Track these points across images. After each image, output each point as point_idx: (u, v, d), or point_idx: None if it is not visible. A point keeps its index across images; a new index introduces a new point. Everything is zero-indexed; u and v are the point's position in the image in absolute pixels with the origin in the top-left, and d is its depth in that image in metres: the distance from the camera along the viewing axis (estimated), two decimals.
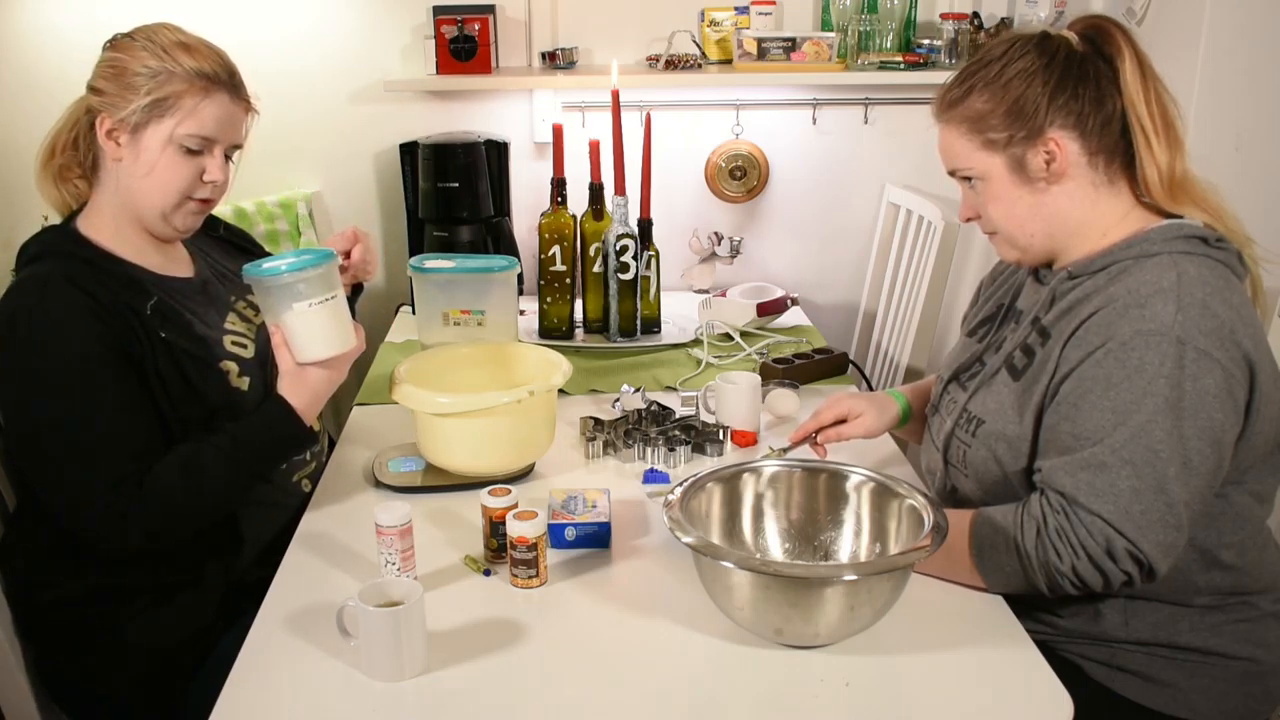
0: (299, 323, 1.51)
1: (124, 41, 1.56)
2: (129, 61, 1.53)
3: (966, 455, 1.48)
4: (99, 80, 1.55)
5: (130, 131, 1.53)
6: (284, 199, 2.67)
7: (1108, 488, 1.28)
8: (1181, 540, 1.29)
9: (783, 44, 2.59)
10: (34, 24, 2.55)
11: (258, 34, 2.64)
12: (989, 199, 1.44)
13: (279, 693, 1.22)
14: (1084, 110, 1.37)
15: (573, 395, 2.04)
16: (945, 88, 1.45)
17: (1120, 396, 1.28)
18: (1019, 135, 1.38)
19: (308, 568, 1.47)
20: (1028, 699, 1.20)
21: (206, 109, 1.55)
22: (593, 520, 1.48)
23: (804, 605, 1.22)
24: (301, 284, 1.49)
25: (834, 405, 1.67)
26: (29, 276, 1.51)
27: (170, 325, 1.55)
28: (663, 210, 2.56)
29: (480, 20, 2.54)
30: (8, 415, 1.50)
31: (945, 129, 1.45)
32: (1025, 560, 1.31)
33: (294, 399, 1.55)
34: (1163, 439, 1.26)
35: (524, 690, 1.21)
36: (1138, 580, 1.29)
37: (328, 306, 1.52)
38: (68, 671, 1.58)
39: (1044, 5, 2.60)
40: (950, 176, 1.49)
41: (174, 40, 1.55)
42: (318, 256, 1.51)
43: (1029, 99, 1.37)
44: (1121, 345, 1.29)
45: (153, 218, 1.58)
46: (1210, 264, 1.34)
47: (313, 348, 1.53)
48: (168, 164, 1.55)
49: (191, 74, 1.53)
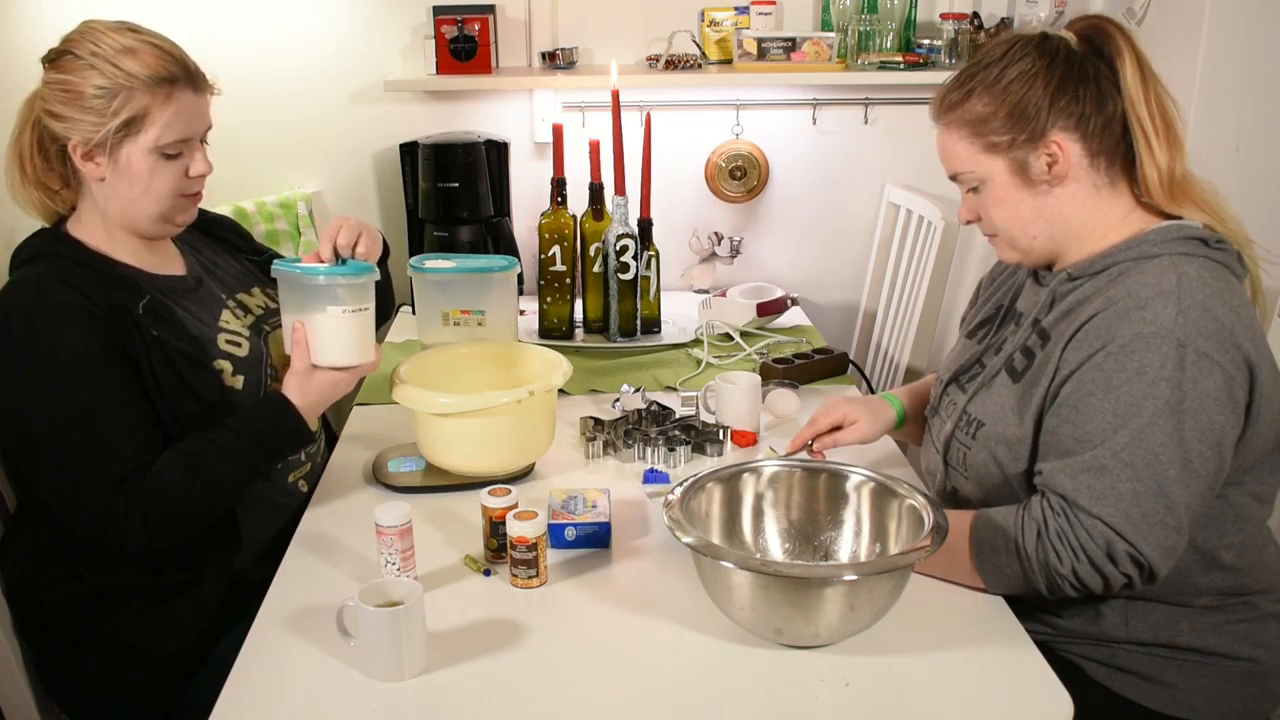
0: (329, 325, 1.54)
1: (68, 61, 1.49)
2: (79, 83, 1.47)
3: (966, 457, 1.48)
4: (55, 105, 1.49)
5: (106, 153, 1.50)
6: (284, 199, 2.67)
7: (1108, 490, 1.27)
8: (1182, 542, 1.29)
9: (783, 44, 2.59)
10: (33, 24, 2.56)
11: (258, 34, 2.64)
12: (991, 202, 1.44)
13: (279, 693, 1.22)
14: (1085, 112, 1.37)
15: (573, 395, 2.04)
16: (944, 90, 1.45)
17: (1121, 399, 1.28)
18: (1021, 138, 1.38)
19: (308, 568, 1.47)
20: (1028, 699, 1.20)
21: (175, 112, 1.51)
22: (593, 520, 1.48)
23: (804, 605, 1.22)
24: (340, 289, 1.52)
25: (829, 412, 1.67)
26: (22, 278, 1.51)
27: (163, 324, 1.54)
28: (663, 210, 2.56)
29: (480, 20, 2.54)
30: (6, 417, 1.49)
31: (945, 132, 1.45)
32: (1026, 562, 1.31)
33: (297, 398, 1.55)
34: (1163, 442, 1.26)
35: (524, 690, 1.21)
36: (1138, 583, 1.29)
37: (359, 317, 1.55)
38: (67, 672, 1.58)
39: (1044, 5, 2.60)
40: (951, 181, 1.49)
41: (118, 47, 1.48)
42: (359, 268, 1.54)
43: (1030, 101, 1.37)
44: (1122, 348, 1.29)
45: (149, 224, 1.57)
46: (1210, 265, 1.33)
47: (334, 353, 1.55)
48: (152, 174, 1.52)
49: (150, 83, 1.48)
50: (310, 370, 1.55)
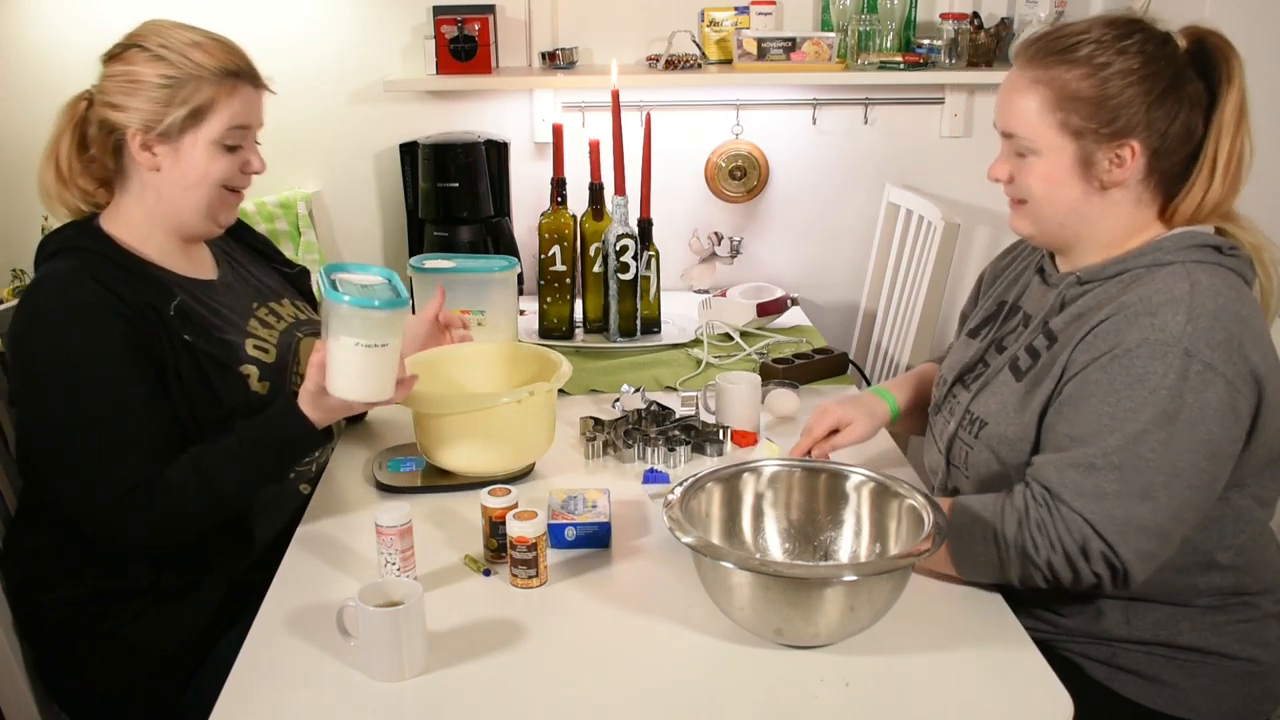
0: (341, 356, 1.42)
1: (134, 53, 1.52)
2: (145, 73, 1.50)
3: (969, 457, 1.48)
4: (116, 96, 1.51)
5: (167, 142, 1.52)
6: (284, 199, 2.67)
7: (1093, 489, 1.28)
8: (1165, 550, 1.29)
9: (783, 44, 2.59)
10: (33, 24, 2.56)
11: (258, 34, 2.61)
12: (1037, 176, 1.39)
13: (279, 693, 1.22)
14: (1169, 130, 1.34)
15: (573, 395, 2.04)
16: (1041, 35, 1.37)
17: (1119, 403, 1.28)
18: (1102, 131, 1.34)
19: (308, 568, 1.46)
20: (1028, 699, 1.20)
21: (238, 105, 1.55)
22: (593, 520, 1.48)
23: (804, 605, 1.22)
24: (358, 320, 1.39)
25: (824, 417, 1.65)
26: (51, 273, 1.50)
27: (192, 327, 1.54)
28: (663, 210, 2.56)
29: (480, 20, 2.55)
30: (26, 410, 1.49)
31: (1023, 84, 1.37)
32: (1003, 550, 1.32)
33: (310, 413, 1.49)
34: (1154, 448, 1.26)
35: (524, 690, 1.21)
36: (1107, 584, 1.30)
37: (374, 353, 1.42)
38: (67, 672, 1.58)
39: (1044, 5, 2.60)
40: (1002, 135, 1.42)
41: (186, 41, 1.53)
42: (388, 301, 1.41)
43: (1125, 101, 1.32)
44: (1128, 352, 1.29)
45: (196, 219, 1.58)
46: (1223, 273, 1.33)
47: (343, 386, 1.44)
48: (209, 165, 1.55)
49: (218, 75, 1.53)
50: (322, 393, 1.46)
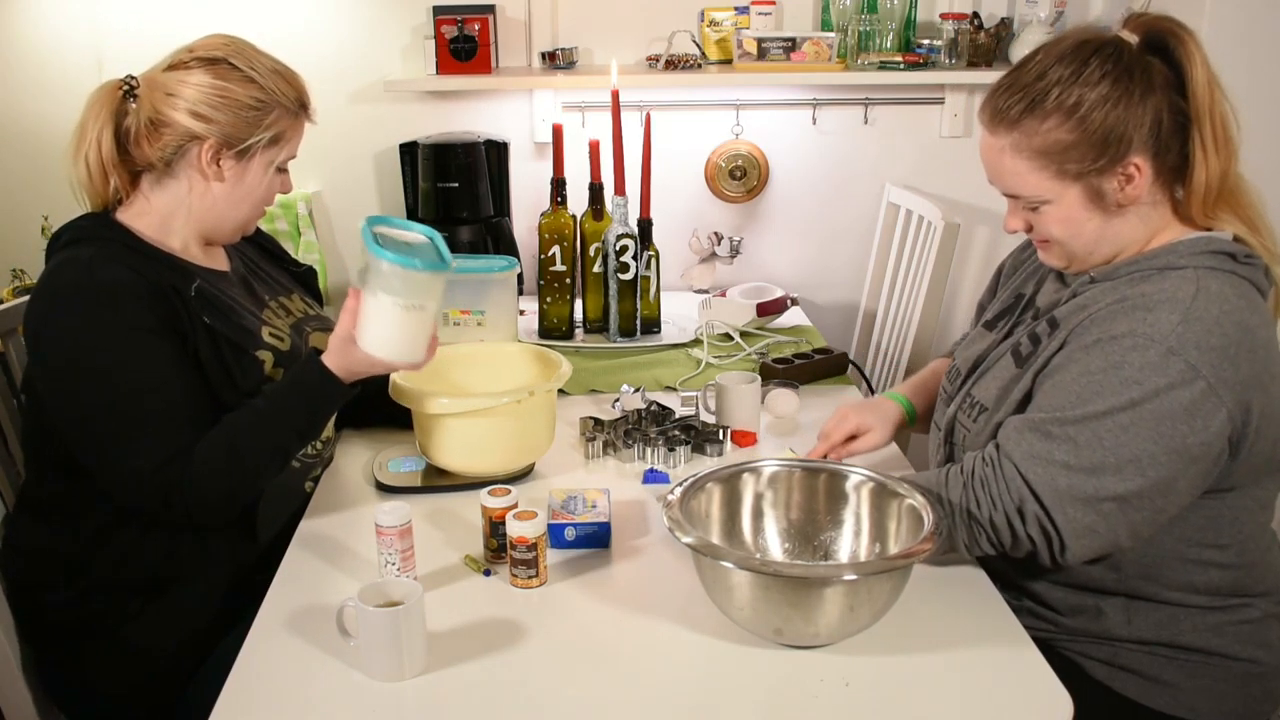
0: (376, 312, 1.43)
1: (223, 69, 1.55)
2: (237, 91, 1.54)
3: (967, 440, 1.48)
4: (201, 106, 1.52)
5: (239, 160, 1.57)
6: (284, 199, 2.67)
7: (1043, 453, 1.30)
8: (1109, 535, 1.29)
9: (783, 44, 2.59)
10: (33, 24, 2.56)
11: (257, 34, 2.59)
12: (1054, 220, 1.37)
13: (279, 693, 1.22)
14: (1161, 127, 1.32)
15: (573, 395, 2.04)
16: (1000, 97, 1.34)
17: (1089, 384, 1.29)
18: (1101, 164, 1.32)
19: (308, 568, 1.47)
20: (1028, 699, 1.20)
21: (299, 136, 1.64)
22: (593, 520, 1.48)
23: (804, 605, 1.22)
24: (398, 279, 1.39)
25: (843, 423, 1.64)
26: (72, 258, 1.50)
27: (212, 310, 1.55)
28: (663, 210, 2.56)
29: (480, 20, 2.54)
30: (55, 394, 1.48)
31: (1005, 152, 1.35)
32: (949, 511, 1.34)
33: (333, 361, 1.49)
34: (1112, 430, 1.27)
35: (524, 690, 1.21)
36: (1044, 555, 1.31)
37: (411, 313, 1.42)
38: (67, 672, 1.58)
39: (1044, 5, 2.60)
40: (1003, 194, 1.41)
41: (270, 67, 1.58)
42: (430, 264, 1.41)
43: (1115, 128, 1.30)
44: (1113, 339, 1.30)
45: (232, 228, 1.63)
46: (1235, 281, 1.32)
47: (374, 341, 1.44)
48: (264, 185, 1.61)
49: (294, 106, 1.60)
50: (351, 341, 1.47)
